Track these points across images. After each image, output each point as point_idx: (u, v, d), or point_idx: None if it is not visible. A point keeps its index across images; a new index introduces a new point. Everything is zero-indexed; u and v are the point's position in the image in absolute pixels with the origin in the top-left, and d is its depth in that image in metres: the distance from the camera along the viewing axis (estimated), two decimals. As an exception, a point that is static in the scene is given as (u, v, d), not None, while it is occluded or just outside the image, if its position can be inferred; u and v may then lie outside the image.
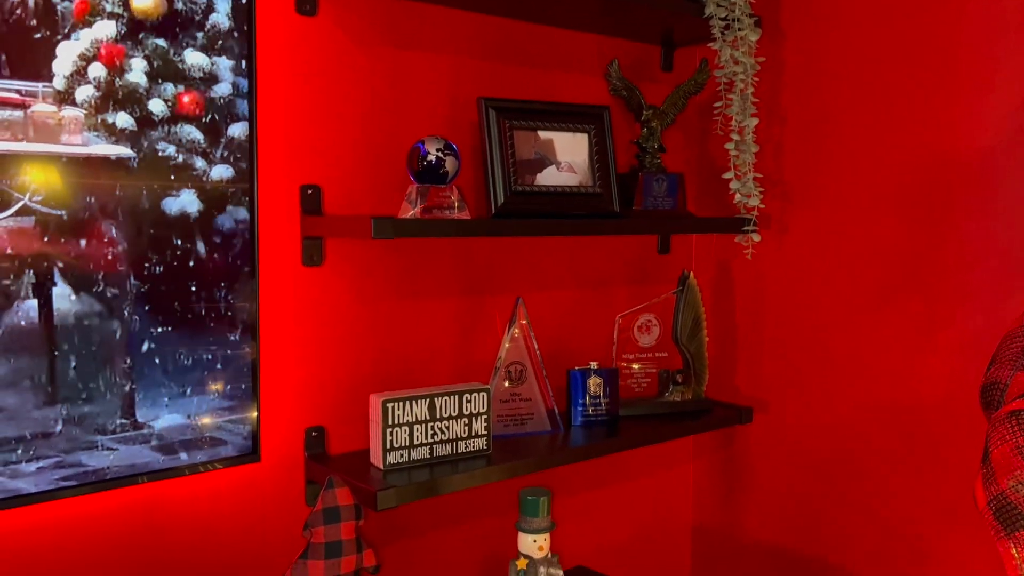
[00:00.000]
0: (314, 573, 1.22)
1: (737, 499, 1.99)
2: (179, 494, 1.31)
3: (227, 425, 1.28)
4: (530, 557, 1.34)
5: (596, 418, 1.71)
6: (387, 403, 1.40)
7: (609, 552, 1.93)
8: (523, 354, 1.65)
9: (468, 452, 1.48)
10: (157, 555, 1.30)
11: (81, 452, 1.15)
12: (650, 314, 1.85)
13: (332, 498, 1.24)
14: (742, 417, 1.85)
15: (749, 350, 1.95)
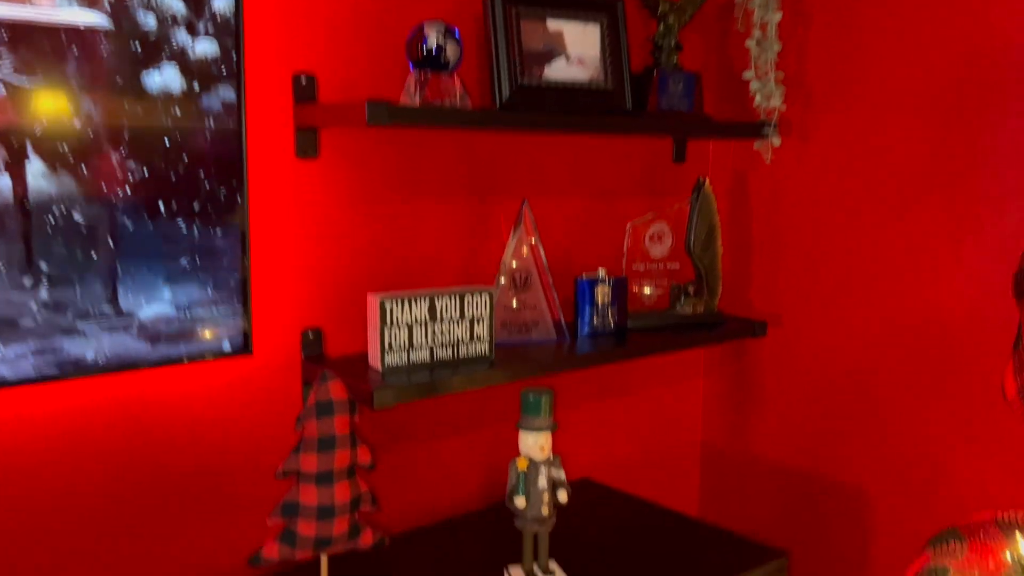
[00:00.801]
0: (306, 467, 1.18)
1: (747, 416, 1.94)
2: (168, 387, 1.27)
3: (217, 318, 1.23)
4: (531, 458, 1.29)
5: (604, 329, 1.65)
6: (385, 302, 1.35)
7: (615, 466, 1.90)
8: (528, 260, 1.59)
9: (470, 356, 1.43)
10: (145, 449, 1.26)
11: (62, 338, 1.11)
12: (662, 223, 1.78)
13: (325, 392, 1.20)
14: (755, 331, 1.79)
15: (764, 263, 1.88)
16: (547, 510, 1.30)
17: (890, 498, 1.68)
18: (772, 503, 1.89)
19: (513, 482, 1.30)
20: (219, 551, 1.35)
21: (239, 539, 1.36)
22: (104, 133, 1.11)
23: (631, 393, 1.91)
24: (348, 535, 1.22)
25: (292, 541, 1.19)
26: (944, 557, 1.03)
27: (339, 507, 1.20)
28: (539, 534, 1.33)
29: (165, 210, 1.17)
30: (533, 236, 1.57)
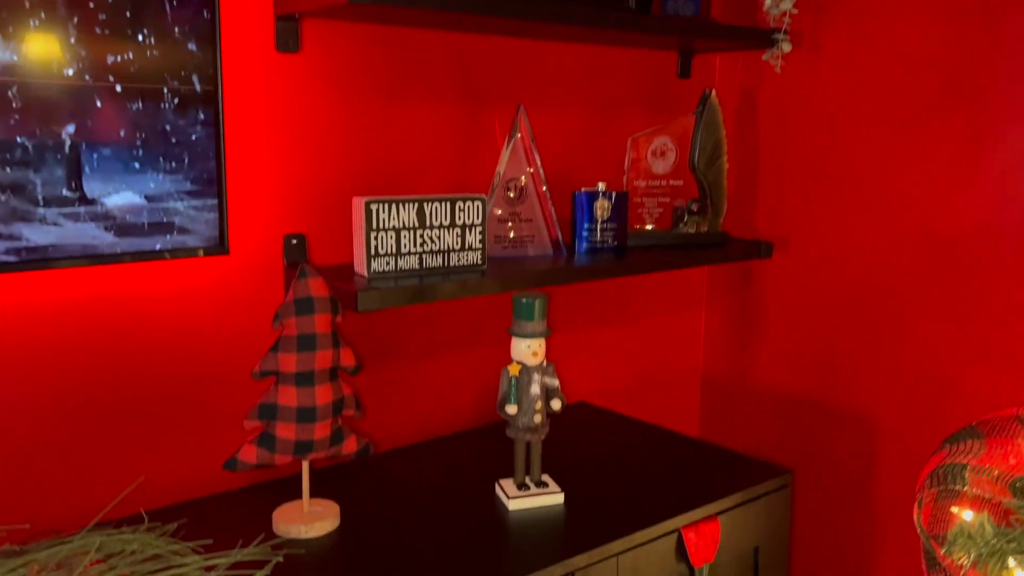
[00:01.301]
0: (285, 366, 1.12)
1: (750, 344, 1.87)
2: (140, 284, 1.20)
3: (190, 212, 1.16)
4: (523, 363, 1.23)
5: (602, 245, 1.58)
6: (371, 204, 1.27)
7: (614, 393, 1.84)
8: (524, 169, 1.51)
9: (461, 266, 1.36)
10: (115, 348, 1.20)
11: (21, 224, 1.04)
12: (666, 137, 1.69)
13: (305, 288, 1.13)
14: (761, 251, 1.72)
15: (771, 184, 1.80)
16: (540, 418, 1.24)
17: (897, 421, 1.61)
18: (775, 429, 1.83)
19: (505, 389, 1.24)
20: (194, 457, 1.29)
21: (214, 445, 1.30)
22: (69, 11, 1.03)
23: (631, 321, 1.85)
24: (330, 440, 1.16)
25: (271, 444, 1.13)
26: (961, 454, 0.97)
27: (320, 410, 1.14)
28: (531, 444, 1.27)
29: (134, 94, 1.09)
30: (529, 143, 1.49)
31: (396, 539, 1.14)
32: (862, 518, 1.68)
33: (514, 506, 1.24)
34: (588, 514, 1.22)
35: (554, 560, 1.09)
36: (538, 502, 1.25)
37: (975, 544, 0.88)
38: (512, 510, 1.23)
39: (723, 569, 1.30)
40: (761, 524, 1.34)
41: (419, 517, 1.21)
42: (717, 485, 1.31)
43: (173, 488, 1.27)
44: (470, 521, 1.20)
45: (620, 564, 1.15)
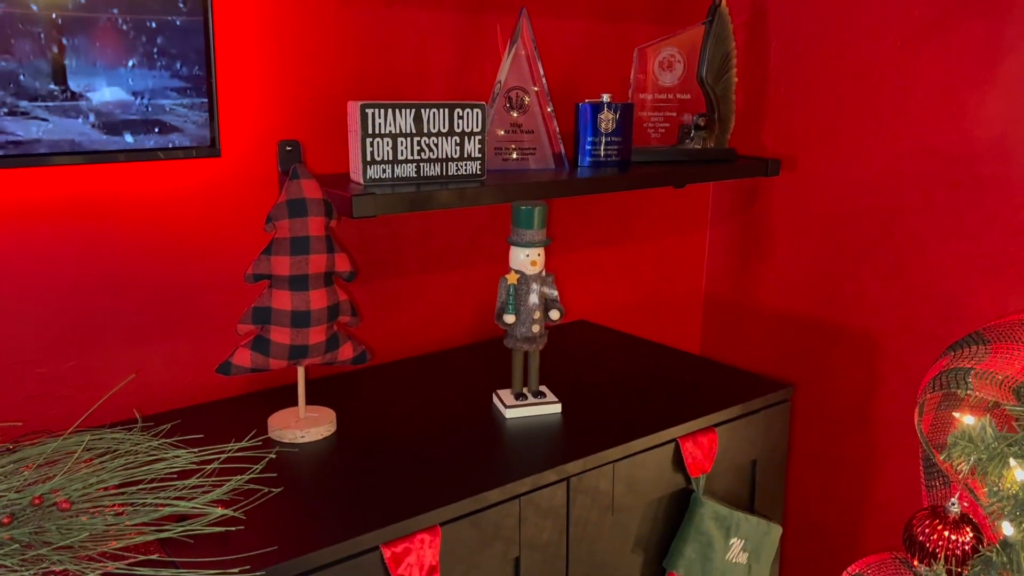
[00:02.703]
0: (278, 269, 1.10)
1: (754, 264, 1.85)
2: (128, 185, 1.18)
3: (179, 110, 1.13)
4: (522, 272, 1.21)
5: (607, 159, 1.54)
6: (367, 108, 1.23)
7: (614, 312, 1.82)
8: (526, 77, 1.46)
9: (459, 175, 1.32)
10: (104, 251, 1.18)
11: (5, 118, 1.01)
12: (674, 48, 1.64)
13: (297, 189, 1.10)
14: (768, 169, 1.68)
15: (780, 99, 1.75)
16: (538, 328, 1.23)
17: (900, 340, 1.60)
18: (776, 349, 1.82)
19: (503, 298, 1.22)
20: (186, 363, 1.28)
21: (207, 351, 1.29)
22: None
23: (633, 240, 1.82)
24: (326, 346, 1.15)
25: (265, 349, 1.12)
26: (965, 359, 0.95)
27: (315, 314, 1.12)
28: (529, 354, 1.25)
29: (117, -16, 1.05)
30: (532, 50, 1.44)
31: (392, 445, 1.14)
32: (861, 436, 1.68)
33: (511, 414, 1.23)
34: (585, 424, 1.21)
35: (549, 465, 1.08)
36: (535, 411, 1.24)
37: (976, 448, 0.86)
38: (509, 418, 1.23)
39: (720, 480, 1.30)
40: (760, 438, 1.33)
41: (415, 425, 1.20)
42: (716, 398, 1.30)
43: (166, 395, 1.27)
44: (467, 429, 1.19)
45: (616, 472, 1.15)
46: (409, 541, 0.95)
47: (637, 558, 1.22)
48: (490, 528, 1.02)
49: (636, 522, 1.20)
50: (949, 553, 0.90)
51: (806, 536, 1.80)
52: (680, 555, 1.22)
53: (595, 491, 1.13)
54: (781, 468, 1.39)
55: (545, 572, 1.09)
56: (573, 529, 1.12)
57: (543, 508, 1.07)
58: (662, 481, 1.21)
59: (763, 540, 1.29)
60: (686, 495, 1.25)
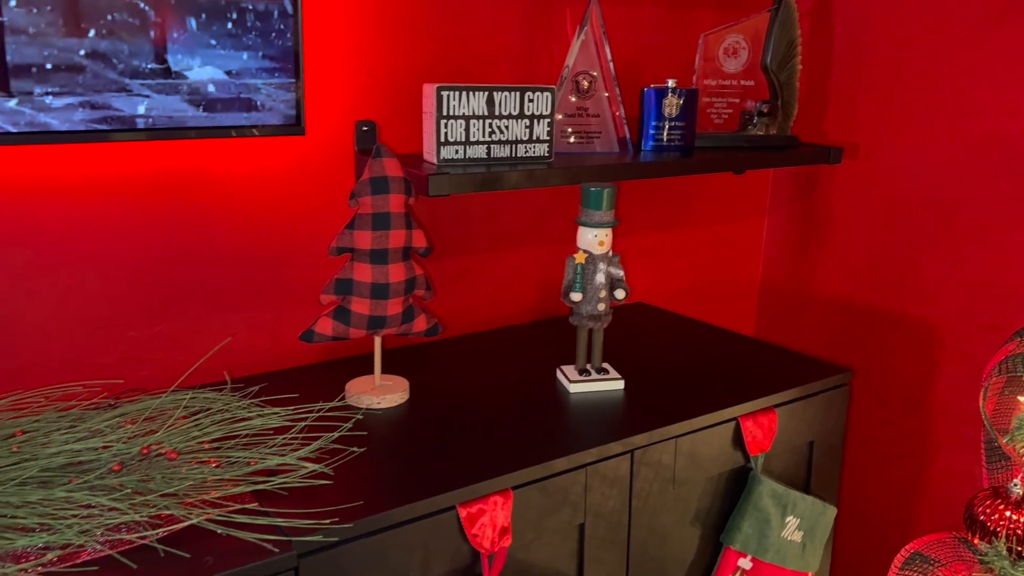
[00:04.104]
0: (360, 243, 1.15)
1: (812, 252, 1.86)
2: (220, 158, 1.24)
3: (268, 90, 1.18)
4: (590, 252, 1.24)
5: (670, 144, 1.57)
6: (442, 91, 1.28)
7: (670, 296, 1.85)
8: (593, 62, 1.50)
9: (528, 157, 1.36)
10: (194, 222, 1.25)
11: (110, 94, 1.07)
12: (739, 35, 1.65)
13: (380, 168, 1.15)
14: (830, 156, 1.69)
15: (843, 88, 1.75)
16: (603, 306, 1.27)
17: (960, 331, 1.60)
18: (832, 337, 1.84)
19: (570, 277, 1.26)
20: (268, 331, 1.35)
21: (288, 321, 1.36)
22: None
23: (691, 225, 1.84)
24: (402, 317, 1.20)
25: (346, 318, 1.18)
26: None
27: (393, 287, 1.17)
28: (594, 331, 1.29)
29: (215, -32, 1.11)
30: (600, 36, 1.47)
31: (462, 414, 1.19)
32: (917, 422, 1.69)
33: (575, 389, 1.27)
34: (648, 400, 1.25)
35: (615, 437, 1.12)
36: (599, 387, 1.28)
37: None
38: (573, 393, 1.27)
39: (778, 460, 1.33)
40: (818, 420, 1.35)
41: (484, 396, 1.25)
42: (776, 379, 1.33)
43: (245, 361, 1.33)
44: (533, 402, 1.24)
45: (679, 447, 1.18)
46: (483, 503, 1.00)
47: (695, 531, 1.26)
48: (558, 494, 1.07)
49: (695, 496, 1.24)
50: (1010, 532, 0.92)
51: (859, 519, 1.82)
52: (737, 530, 1.25)
53: (658, 464, 1.17)
54: (837, 451, 1.41)
55: (608, 539, 1.14)
56: (635, 500, 1.16)
57: (608, 478, 1.12)
58: (722, 458, 1.24)
59: (818, 520, 1.32)
60: (744, 473, 1.28)
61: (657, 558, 1.22)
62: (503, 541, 1.01)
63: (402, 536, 0.95)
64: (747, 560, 1.26)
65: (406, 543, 0.95)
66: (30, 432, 0.98)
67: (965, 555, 0.96)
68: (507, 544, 1.01)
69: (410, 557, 0.96)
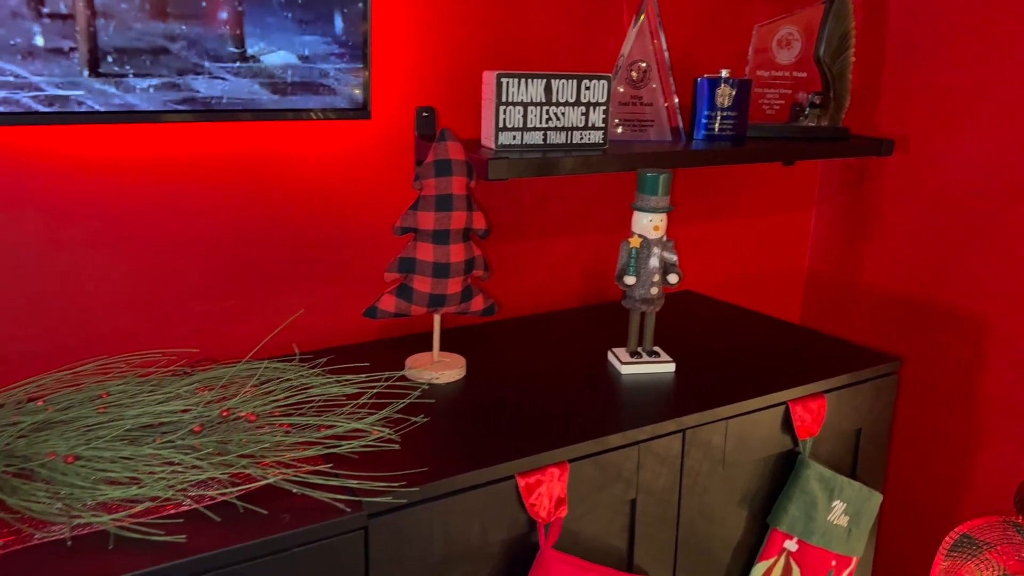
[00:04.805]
0: (423, 223, 1.19)
1: (860, 244, 1.87)
2: (291, 140, 1.29)
3: (338, 75, 1.23)
4: (644, 236, 1.27)
5: (721, 134, 1.59)
6: (502, 78, 1.31)
7: (715, 285, 1.87)
8: (648, 52, 1.52)
9: (583, 144, 1.40)
10: (267, 199, 1.30)
11: (191, 76, 1.12)
12: (792, 27, 1.67)
13: (444, 151, 1.19)
14: (882, 149, 1.69)
15: (896, 80, 1.76)
16: (656, 291, 1.29)
17: (1010, 323, 1.60)
18: (880, 327, 1.84)
19: (624, 260, 1.29)
20: (331, 308, 1.40)
21: (349, 299, 1.41)
22: None
23: (738, 215, 1.86)
24: (461, 296, 1.24)
25: (408, 296, 1.22)
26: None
27: (454, 267, 1.21)
28: (646, 315, 1.32)
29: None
30: (656, 26, 1.50)
31: (517, 391, 1.22)
32: (964, 414, 1.69)
33: (626, 371, 1.31)
34: (698, 383, 1.27)
35: (667, 417, 1.15)
36: (650, 369, 1.31)
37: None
38: (625, 374, 1.30)
39: (825, 445, 1.35)
40: (865, 407, 1.37)
41: (537, 375, 1.29)
42: (825, 366, 1.35)
43: (311, 338, 1.38)
44: (585, 381, 1.27)
45: (729, 428, 1.21)
46: (541, 473, 1.04)
47: (742, 512, 1.28)
48: (612, 470, 1.10)
49: (744, 477, 1.27)
50: (1061, 516, 0.93)
51: (904, 507, 1.82)
52: (784, 512, 1.28)
53: (708, 445, 1.20)
54: (884, 439, 1.42)
55: (658, 515, 1.17)
56: (686, 479, 1.19)
57: (660, 456, 1.15)
58: (771, 441, 1.27)
59: (864, 505, 1.34)
60: (792, 456, 1.30)
61: (704, 537, 1.24)
62: (559, 511, 1.05)
63: (463, 502, 0.99)
64: (793, 542, 1.29)
65: (467, 509, 0.99)
66: (115, 395, 1.04)
67: (1014, 538, 0.98)
68: (563, 514, 1.05)
69: (470, 523, 1.00)
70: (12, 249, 1.13)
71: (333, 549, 0.90)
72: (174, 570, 0.81)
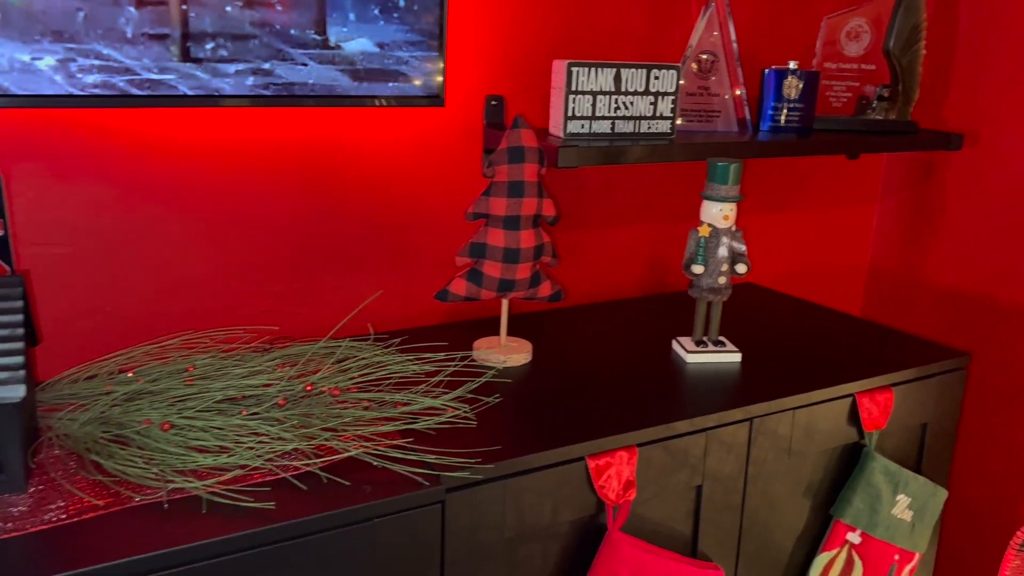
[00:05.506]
0: (495, 209, 1.21)
1: (925, 240, 1.84)
2: (368, 126, 1.32)
3: (414, 62, 1.25)
4: (714, 226, 1.28)
5: (787, 126, 1.58)
6: (572, 67, 1.33)
7: (775, 278, 1.87)
8: (716, 43, 1.52)
9: (650, 133, 1.40)
10: (345, 183, 1.33)
11: (276, 62, 1.16)
12: (862, 18, 1.65)
13: (517, 138, 1.21)
14: (951, 143, 1.67)
15: (966, 73, 1.73)
16: (724, 280, 1.30)
17: (1083, 324, 1.58)
18: (943, 323, 1.82)
19: (692, 250, 1.30)
20: (394, 292, 1.43)
21: (418, 283, 1.43)
22: None
23: (800, 209, 1.85)
24: (529, 282, 1.26)
25: (478, 280, 1.24)
26: None
27: (523, 252, 1.23)
28: (712, 304, 1.33)
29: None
30: (725, 16, 1.50)
31: (585, 376, 1.24)
32: (1030, 416, 1.67)
33: (692, 359, 1.31)
34: (765, 373, 1.28)
35: (735, 405, 1.16)
36: (716, 358, 1.32)
37: None
38: (690, 363, 1.31)
39: (890, 439, 1.34)
40: (932, 402, 1.36)
41: (603, 361, 1.30)
42: (892, 360, 1.34)
43: (379, 320, 1.42)
44: (651, 369, 1.28)
45: (796, 419, 1.21)
46: (611, 456, 1.05)
47: (806, 502, 1.28)
48: (679, 455, 1.12)
49: (809, 468, 1.27)
50: None
51: (968, 504, 1.80)
52: (848, 504, 1.27)
53: (775, 434, 1.20)
54: (951, 435, 1.41)
55: (723, 502, 1.18)
56: (752, 467, 1.19)
57: (727, 443, 1.16)
58: (837, 432, 1.26)
59: (929, 501, 1.33)
60: (857, 449, 1.30)
61: (768, 526, 1.25)
62: (628, 494, 1.06)
63: (535, 481, 1.01)
64: (856, 535, 1.29)
65: (538, 488, 1.01)
66: (201, 368, 1.08)
67: (1091, 535, 0.97)
68: (632, 497, 1.07)
69: (541, 502, 1.02)
70: (103, 227, 1.18)
71: (411, 521, 0.93)
72: (264, 535, 0.85)
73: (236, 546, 0.83)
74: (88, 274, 1.18)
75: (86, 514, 0.85)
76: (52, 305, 1.17)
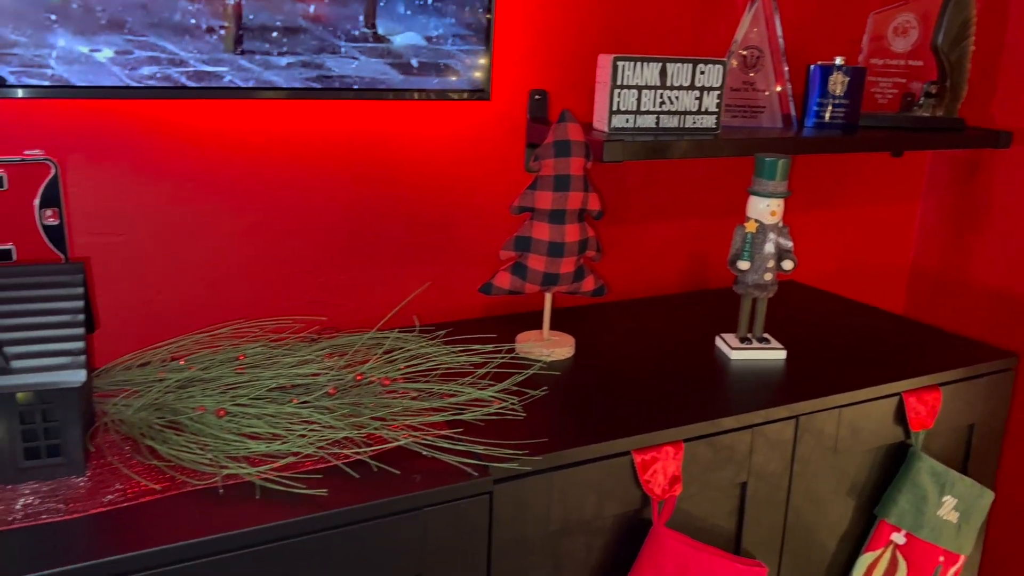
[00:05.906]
0: (541, 203, 1.21)
1: (969, 240, 1.81)
2: (415, 119, 1.33)
3: (461, 56, 1.26)
4: (760, 222, 1.27)
5: (832, 122, 1.57)
6: (618, 61, 1.33)
7: (819, 275, 1.85)
8: (763, 38, 1.51)
9: (695, 128, 1.40)
10: (392, 175, 1.34)
11: (326, 55, 1.17)
12: (910, 14, 1.63)
13: (564, 132, 1.21)
14: (999, 141, 1.64)
15: (1016, 70, 1.70)
16: (770, 276, 1.29)
17: None
18: (989, 324, 1.79)
19: (738, 245, 1.29)
20: (438, 285, 1.44)
21: (456, 277, 1.44)
22: None
23: (842, 206, 1.83)
24: (573, 276, 1.26)
25: (523, 274, 1.25)
26: None
27: (568, 246, 1.23)
28: (758, 301, 1.32)
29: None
30: (771, 10, 1.49)
31: (629, 371, 1.24)
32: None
33: (736, 356, 1.31)
34: (810, 371, 1.27)
35: (781, 403, 1.15)
36: (760, 355, 1.31)
37: None
38: (734, 359, 1.30)
39: (937, 439, 1.32)
40: (980, 403, 1.34)
41: (647, 356, 1.30)
42: (939, 359, 1.33)
43: (422, 313, 1.42)
44: (693, 365, 1.28)
45: (842, 417, 1.20)
46: (657, 451, 1.05)
47: (851, 501, 1.27)
48: (724, 451, 1.11)
49: (854, 467, 1.26)
50: None
51: (1015, 507, 1.77)
52: (893, 503, 1.26)
53: (820, 432, 1.19)
54: (998, 436, 1.39)
55: (767, 499, 1.17)
56: (797, 465, 1.18)
57: (772, 441, 1.15)
58: (883, 431, 1.25)
59: (975, 503, 1.31)
60: (902, 448, 1.29)
61: (811, 525, 1.24)
62: (673, 489, 1.06)
63: (582, 474, 1.01)
64: (901, 535, 1.27)
65: (585, 481, 1.01)
66: (251, 357, 1.09)
67: None
68: (677, 492, 1.06)
69: (587, 495, 1.02)
70: (156, 217, 1.20)
71: (460, 511, 0.93)
72: (317, 521, 0.86)
73: (290, 532, 0.85)
74: (141, 263, 1.20)
75: (143, 497, 0.87)
76: (106, 293, 1.19)
